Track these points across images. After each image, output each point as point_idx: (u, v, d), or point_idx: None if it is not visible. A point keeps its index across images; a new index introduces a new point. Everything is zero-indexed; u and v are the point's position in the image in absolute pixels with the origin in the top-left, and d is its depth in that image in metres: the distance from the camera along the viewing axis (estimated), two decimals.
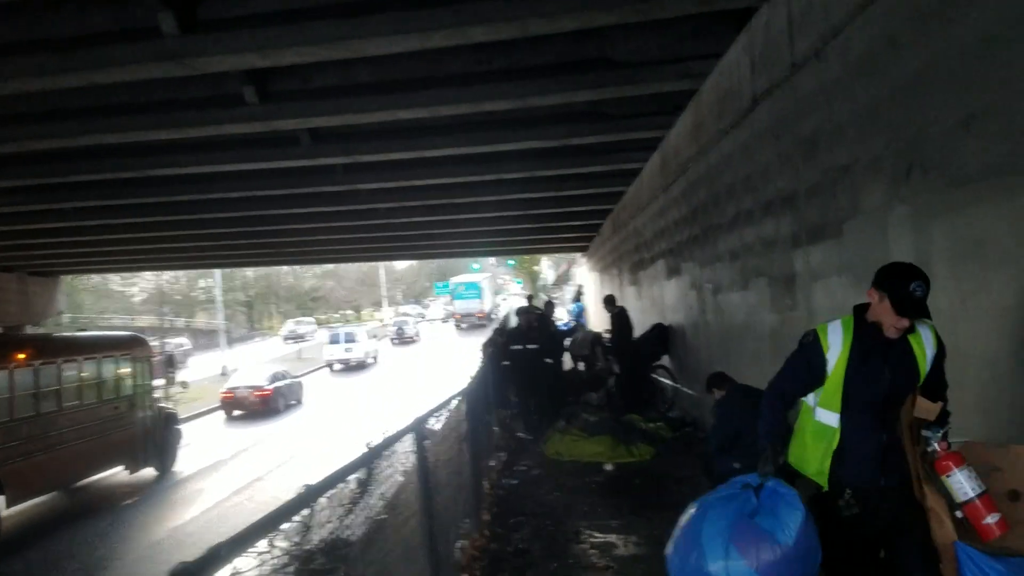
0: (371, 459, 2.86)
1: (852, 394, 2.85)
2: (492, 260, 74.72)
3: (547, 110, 9.47)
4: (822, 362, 2.89)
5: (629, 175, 12.77)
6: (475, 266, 72.02)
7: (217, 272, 41.09)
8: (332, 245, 21.95)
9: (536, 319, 12.12)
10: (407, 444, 3.47)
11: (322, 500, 2.31)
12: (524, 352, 9.73)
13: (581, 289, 22.74)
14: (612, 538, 5.59)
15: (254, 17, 6.46)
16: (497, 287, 59.75)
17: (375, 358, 34.45)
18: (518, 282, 63.43)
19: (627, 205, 14.14)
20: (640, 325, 11.60)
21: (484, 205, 16.08)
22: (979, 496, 2.64)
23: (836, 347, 2.88)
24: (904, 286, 2.73)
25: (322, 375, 31.48)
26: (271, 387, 21.93)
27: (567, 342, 13.86)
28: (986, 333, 3.12)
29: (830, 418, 2.92)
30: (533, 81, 7.80)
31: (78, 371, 12.34)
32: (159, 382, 15.48)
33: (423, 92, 8.04)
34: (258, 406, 21.33)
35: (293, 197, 14.02)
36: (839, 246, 4.61)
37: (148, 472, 13.70)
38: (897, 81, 3.69)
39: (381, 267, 63.75)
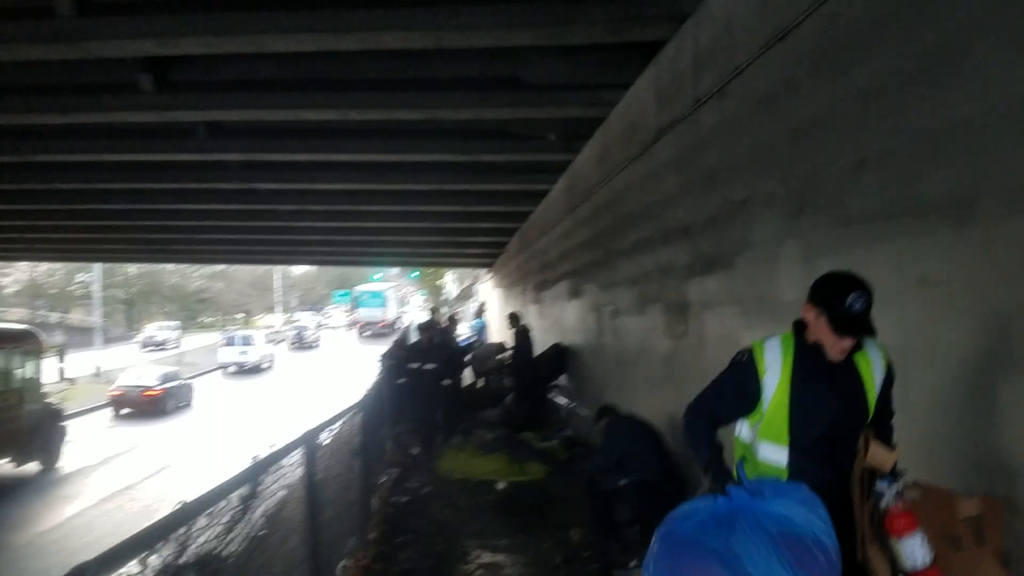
0: (256, 475, 2.72)
1: (799, 426, 2.51)
2: (395, 271, 73.94)
3: (458, 124, 9.47)
4: (756, 386, 2.55)
5: (537, 196, 12.91)
6: (377, 276, 70.96)
7: (97, 266, 38.83)
8: (225, 245, 21.19)
9: (438, 335, 12.03)
10: (296, 457, 3.33)
11: (201, 519, 2.17)
12: (422, 372, 9.55)
13: (483, 306, 22.84)
14: (500, 558, 5.56)
15: (156, 3, 6.17)
16: (401, 298, 59.19)
17: (271, 363, 34.10)
18: (422, 293, 62.82)
19: (534, 225, 14.29)
20: (541, 344, 11.70)
21: (390, 215, 15.90)
22: (930, 567, 2.34)
23: (775, 369, 2.54)
24: (841, 300, 2.42)
25: (215, 378, 30.63)
26: (162, 388, 21.64)
27: (468, 358, 13.83)
28: None
29: (777, 454, 2.55)
30: (446, 94, 7.79)
31: None
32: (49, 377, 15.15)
33: (333, 94, 7.88)
34: (147, 406, 21.01)
35: (186, 192, 13.39)
36: (731, 277, 4.78)
37: (31, 467, 13.29)
38: (795, 122, 3.87)
39: (277, 271, 61.88)
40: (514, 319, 12.87)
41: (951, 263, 2.76)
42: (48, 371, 14.85)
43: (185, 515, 2.03)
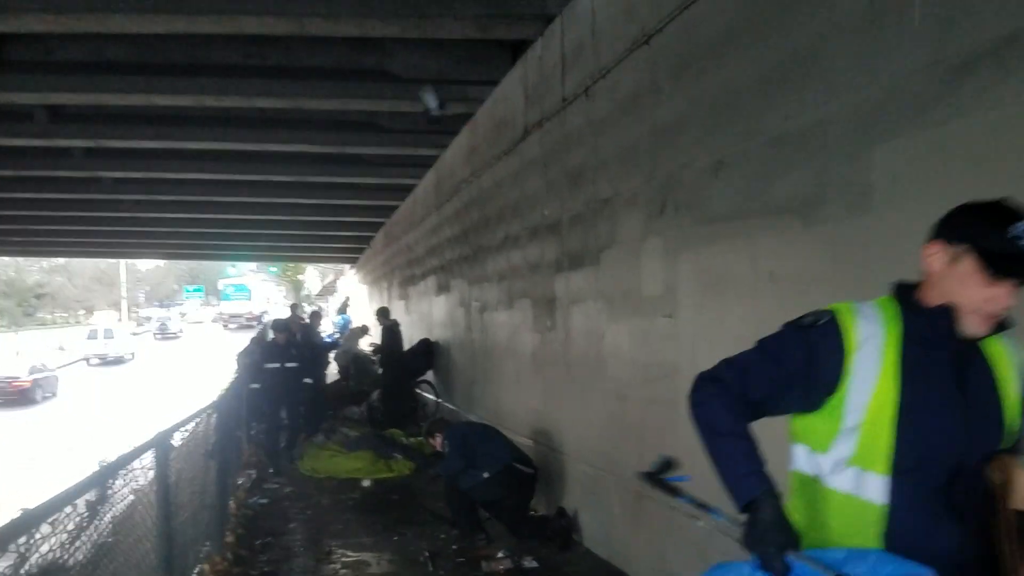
0: (102, 480, 2.52)
1: (911, 448, 1.54)
2: (253, 266, 71.04)
3: (322, 115, 9.22)
4: (837, 368, 1.59)
5: (404, 190, 12.78)
6: (231, 271, 67.90)
7: None
8: (66, 237, 19.66)
9: (300, 331, 11.64)
10: (146, 461, 3.11)
11: (44, 527, 1.97)
12: (282, 371, 8.93)
13: (347, 301, 22.36)
14: (365, 556, 5.44)
15: None
16: (268, 291, 58.47)
17: (133, 354, 36.35)
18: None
19: (400, 220, 14.13)
20: (408, 340, 11.58)
21: (247, 206, 15.26)
22: None
23: (872, 347, 1.58)
24: (1000, 228, 1.48)
25: (78, 368, 32.01)
26: (30, 378, 23.27)
27: (332, 355, 13.48)
28: (720, 358, 3.46)
29: (872, 486, 1.56)
30: (308, 82, 7.55)
31: None
32: None
33: (186, 79, 7.45)
34: (14, 396, 22.50)
35: (23, 180, 12.41)
36: (597, 273, 4.93)
37: None
38: (657, 124, 4.04)
39: (122, 265, 57.89)
40: (383, 314, 12.68)
41: (800, 259, 2.97)
42: None
43: (26, 523, 1.85)
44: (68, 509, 2.08)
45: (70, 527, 2.08)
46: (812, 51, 2.87)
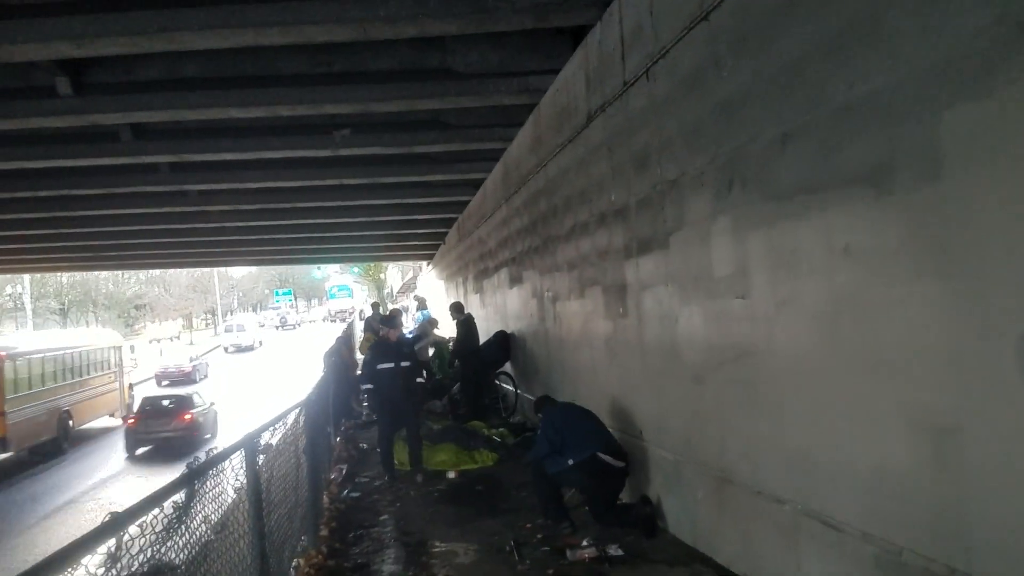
0: (190, 481, 2.66)
1: None
2: (336, 268, 73.17)
3: (389, 116, 9.40)
4: None
5: (473, 185, 12.90)
6: (317, 274, 70.06)
7: (26, 277, 37.28)
8: (157, 249, 20.67)
9: (381, 329, 11.93)
10: (236, 461, 3.26)
11: (133, 528, 2.11)
12: (397, 372, 7.86)
13: (423, 301, 22.82)
14: (453, 546, 5.55)
15: (70, 3, 5.94)
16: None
17: (261, 342, 45.88)
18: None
19: (472, 214, 14.26)
20: (484, 332, 11.70)
21: (325, 211, 15.72)
22: None
23: None
24: None
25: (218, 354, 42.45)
26: (191, 365, 32.74)
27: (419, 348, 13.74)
28: (798, 337, 3.38)
29: None
30: (375, 86, 7.71)
31: None
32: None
33: (259, 91, 7.73)
34: (181, 378, 30.63)
35: (114, 197, 13.12)
36: (667, 256, 4.86)
37: None
38: (720, 100, 3.95)
39: (215, 273, 60.53)
40: (457, 309, 12.83)
41: (875, 231, 2.86)
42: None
43: (115, 525, 1.97)
44: (156, 511, 2.20)
45: (159, 528, 2.19)
46: (873, 15, 2.75)
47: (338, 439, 9.51)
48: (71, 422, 17.00)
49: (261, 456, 3.68)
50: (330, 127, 9.58)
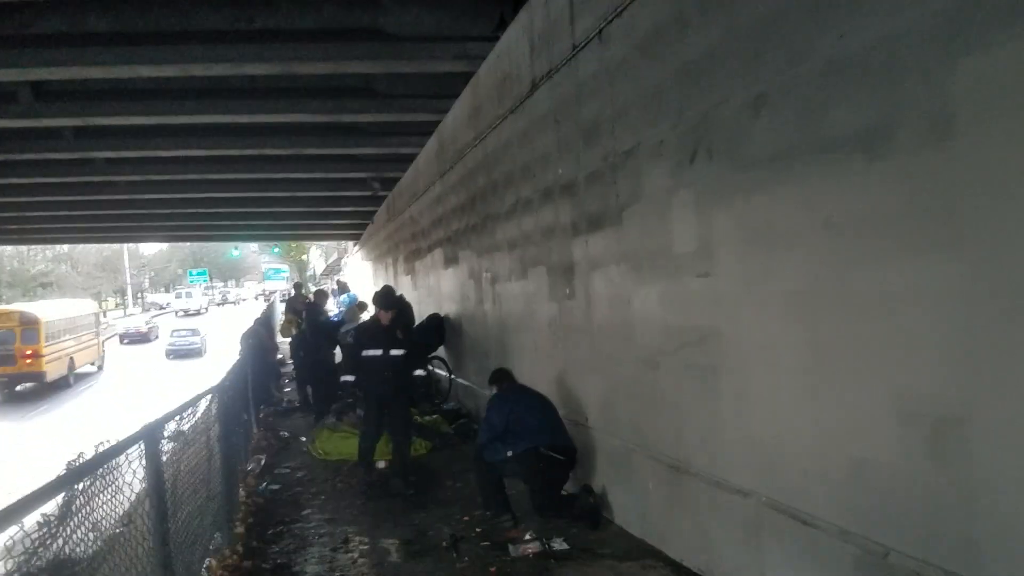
0: (73, 480, 2.19)
1: None
2: (254, 247, 71.00)
3: (315, 81, 8.83)
4: None
5: (405, 160, 12.38)
6: (235, 253, 67.82)
7: None
8: (63, 223, 19.47)
9: (305, 311, 11.33)
10: (136, 454, 2.78)
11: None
12: (387, 362, 6.54)
13: (345, 285, 22.18)
14: (384, 543, 5.15)
15: None
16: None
17: (207, 309, 53.15)
18: (282, 272, 61.81)
19: (403, 192, 13.74)
20: (416, 316, 11.25)
21: (244, 184, 14.94)
22: None
23: None
24: None
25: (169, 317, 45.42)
26: (147, 327, 37.68)
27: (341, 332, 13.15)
28: (770, 319, 3.11)
29: None
30: (299, 45, 7.15)
31: None
32: None
33: (171, 47, 7.06)
34: (139, 337, 36.07)
35: (12, 164, 12.09)
36: (619, 233, 4.56)
37: None
38: (684, 62, 3.64)
39: (125, 251, 57.72)
40: (386, 296, 12.33)
41: (863, 201, 2.59)
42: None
43: None
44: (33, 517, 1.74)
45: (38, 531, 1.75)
46: None
47: (257, 428, 8.92)
48: (74, 365, 23.27)
49: (165, 448, 3.19)
50: (250, 91, 8.95)
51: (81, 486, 2.22)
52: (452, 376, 9.97)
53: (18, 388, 20.83)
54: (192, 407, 4.21)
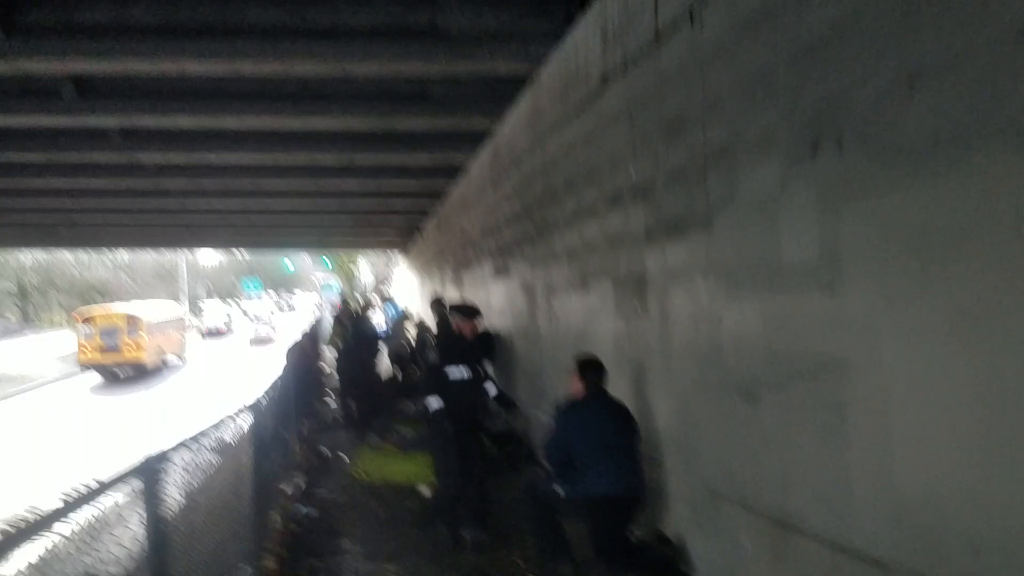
0: (40, 528, 1.66)
1: None
2: (307, 260, 71.85)
3: (369, 84, 8.41)
4: None
5: (457, 170, 11.93)
6: (290, 268, 68.85)
7: None
8: (113, 227, 19.40)
9: (351, 323, 10.92)
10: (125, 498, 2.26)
11: None
12: (474, 386, 5.96)
13: (391, 294, 21.87)
14: None
15: None
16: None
17: (273, 314, 51.33)
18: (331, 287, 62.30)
19: (454, 202, 13.29)
20: None
21: (295, 195, 14.83)
22: None
23: None
24: None
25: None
26: (223, 326, 43.49)
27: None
28: (924, 345, 2.45)
29: None
30: (353, 43, 6.72)
31: None
32: None
33: (220, 42, 6.68)
34: (218, 333, 42.91)
35: (57, 166, 11.78)
36: (707, 240, 3.94)
37: None
38: (803, 38, 3.02)
39: (182, 261, 58.86)
40: (438, 304, 11.90)
41: None
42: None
43: None
44: None
45: None
46: None
47: (297, 443, 8.46)
48: (165, 356, 27.45)
49: (173, 485, 2.67)
50: (301, 95, 8.54)
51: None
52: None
53: (121, 375, 25.04)
54: (215, 431, 3.71)
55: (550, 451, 4.69)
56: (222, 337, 42.67)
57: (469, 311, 6.27)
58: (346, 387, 10.53)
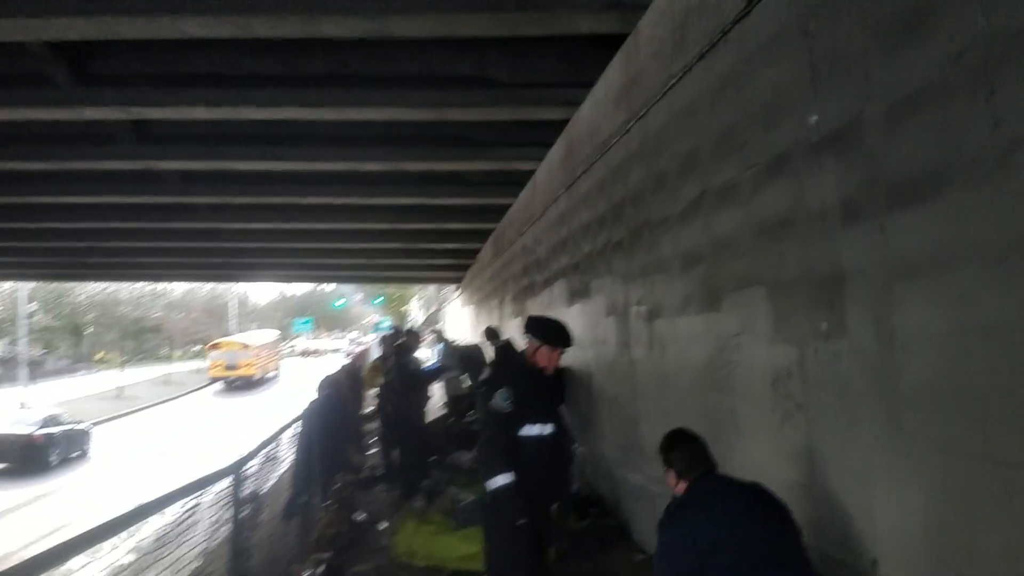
0: None
1: None
2: (359, 297, 71.75)
3: (418, 129, 8.61)
4: None
5: (518, 182, 10.43)
6: (339, 303, 68.63)
7: (23, 290, 35.52)
8: (166, 265, 20.62)
9: (394, 356, 9.28)
10: None
11: None
12: (554, 444, 4.24)
13: (443, 330, 20.74)
14: None
15: None
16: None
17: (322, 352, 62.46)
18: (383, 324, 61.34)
19: (514, 220, 11.74)
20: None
21: (345, 234, 14.71)
22: None
23: None
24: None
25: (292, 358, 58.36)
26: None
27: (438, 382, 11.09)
28: None
29: None
30: (403, 91, 6.88)
31: None
32: None
33: (277, 89, 6.80)
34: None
35: (115, 207, 12.27)
36: (979, 206, 2.22)
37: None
38: None
39: (234, 299, 59.11)
40: (492, 334, 10.31)
41: None
42: None
43: None
44: None
45: None
46: None
47: (325, 505, 6.77)
48: (264, 373, 38.46)
49: None
50: (351, 138, 8.62)
51: None
52: (579, 447, 7.57)
53: (236, 384, 37.36)
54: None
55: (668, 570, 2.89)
56: (316, 357, 56.30)
57: (559, 334, 4.37)
58: (387, 433, 8.91)
